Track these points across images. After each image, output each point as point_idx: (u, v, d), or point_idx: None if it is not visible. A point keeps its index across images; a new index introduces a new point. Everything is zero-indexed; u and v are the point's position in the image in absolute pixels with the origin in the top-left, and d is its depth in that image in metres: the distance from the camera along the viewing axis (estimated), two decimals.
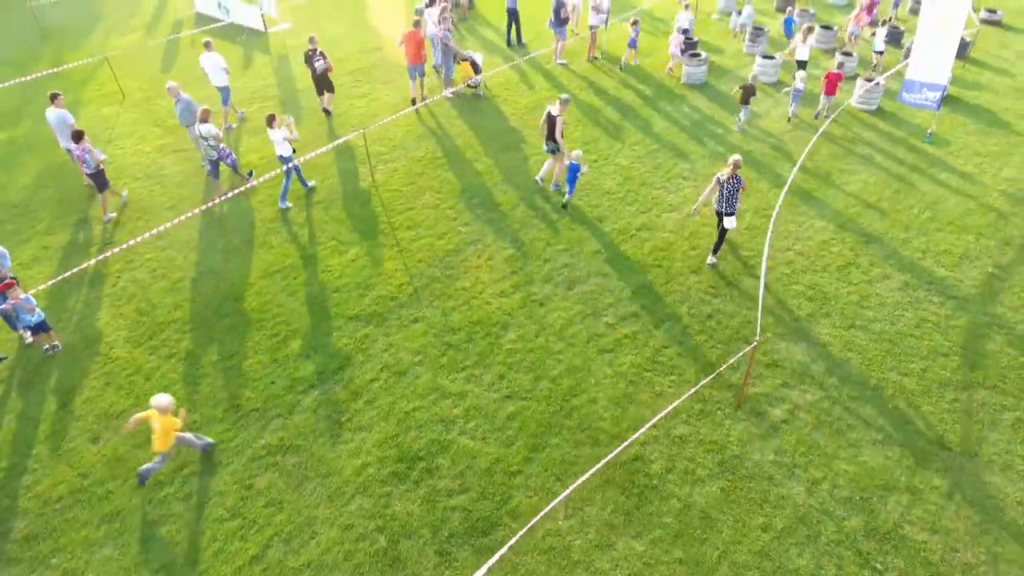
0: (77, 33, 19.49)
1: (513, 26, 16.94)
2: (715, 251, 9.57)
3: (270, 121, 10.62)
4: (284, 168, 11.01)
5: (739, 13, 16.93)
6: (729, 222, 9.10)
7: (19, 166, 12.81)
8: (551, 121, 10.57)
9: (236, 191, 11.11)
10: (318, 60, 13.07)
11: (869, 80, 13.32)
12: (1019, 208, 10.59)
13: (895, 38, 16.53)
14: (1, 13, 21.85)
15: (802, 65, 13.70)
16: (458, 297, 9.18)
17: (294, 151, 11.02)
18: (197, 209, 10.72)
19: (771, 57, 14.62)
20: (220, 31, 18.38)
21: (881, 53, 15.08)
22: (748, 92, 12.57)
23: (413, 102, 14.08)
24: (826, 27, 16.41)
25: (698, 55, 14.82)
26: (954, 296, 8.97)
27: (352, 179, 11.91)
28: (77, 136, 10.29)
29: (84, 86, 15.66)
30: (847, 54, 14.93)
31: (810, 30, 13.99)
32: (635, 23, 15.33)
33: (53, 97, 11.29)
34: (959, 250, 9.76)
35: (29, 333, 8.58)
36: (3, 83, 14.92)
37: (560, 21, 15.37)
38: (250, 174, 11.74)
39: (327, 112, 13.90)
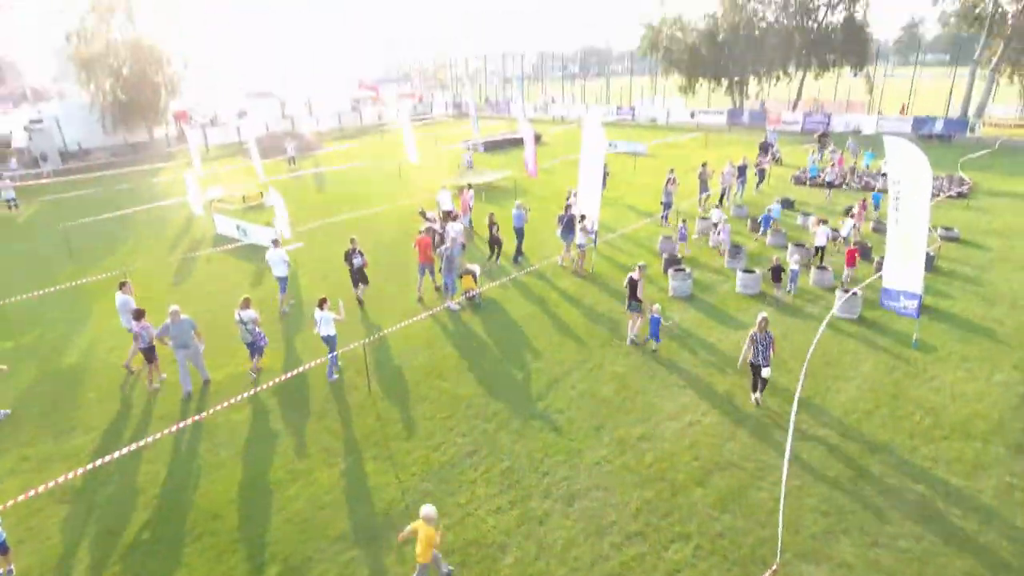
0: (102, 251, 20.93)
1: (515, 243, 18.52)
2: (760, 390, 10.83)
3: (321, 304, 11.68)
4: (331, 351, 12.00)
5: (716, 232, 18.51)
6: (765, 372, 10.48)
7: (17, 374, 12.87)
8: (633, 284, 12.64)
9: (239, 395, 11.04)
10: (356, 257, 15.23)
11: (846, 291, 14.07)
12: (1019, 413, 10.50)
13: (864, 253, 17.82)
14: (37, 231, 23.68)
15: (820, 250, 16.82)
16: (453, 514, 8.63)
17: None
18: (190, 419, 10.55)
19: (751, 271, 15.60)
20: (239, 250, 19.77)
21: (844, 239, 17.98)
22: (777, 271, 14.93)
23: (420, 300, 15.78)
24: (799, 244, 17.73)
25: (682, 270, 15.80)
26: (975, 508, 8.48)
27: (349, 388, 11.90)
28: (138, 314, 11.74)
29: (97, 299, 16.37)
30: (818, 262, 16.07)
31: (823, 221, 17.25)
32: (683, 222, 18.66)
33: (121, 285, 13.04)
34: (970, 458, 9.45)
35: None
36: (22, 295, 15.62)
37: (568, 230, 17.42)
38: (256, 374, 11.82)
39: (360, 302, 15.63)
